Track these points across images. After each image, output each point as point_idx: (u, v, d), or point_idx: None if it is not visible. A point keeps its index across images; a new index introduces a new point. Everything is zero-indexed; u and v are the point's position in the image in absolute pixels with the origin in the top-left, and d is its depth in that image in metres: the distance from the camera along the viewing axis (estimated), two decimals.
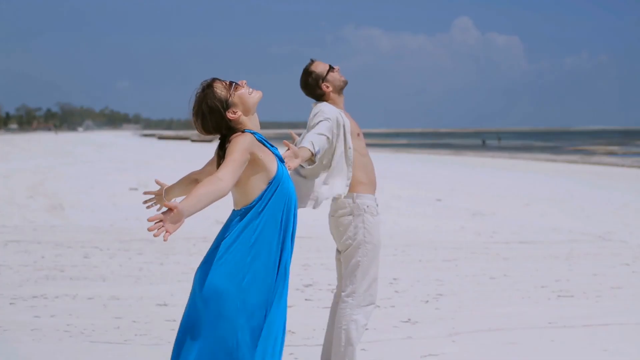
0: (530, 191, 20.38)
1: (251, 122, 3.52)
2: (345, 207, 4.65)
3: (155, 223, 3.02)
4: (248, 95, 3.51)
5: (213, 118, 3.47)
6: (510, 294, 7.76)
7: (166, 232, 3.03)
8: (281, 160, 3.54)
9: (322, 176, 4.63)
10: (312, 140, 4.34)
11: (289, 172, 3.66)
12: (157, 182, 3.79)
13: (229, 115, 3.46)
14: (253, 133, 3.46)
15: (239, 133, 3.45)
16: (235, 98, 3.48)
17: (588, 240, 11.71)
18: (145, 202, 3.89)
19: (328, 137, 4.48)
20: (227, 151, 3.36)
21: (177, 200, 3.22)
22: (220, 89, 3.48)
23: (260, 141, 3.46)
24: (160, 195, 3.84)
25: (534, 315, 6.85)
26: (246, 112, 3.51)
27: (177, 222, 3.07)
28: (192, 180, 3.78)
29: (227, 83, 3.51)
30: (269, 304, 3.43)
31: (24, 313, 6.70)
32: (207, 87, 3.49)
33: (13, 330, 6.12)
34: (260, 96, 3.55)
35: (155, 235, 3.01)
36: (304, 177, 4.62)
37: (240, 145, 3.35)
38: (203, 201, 3.16)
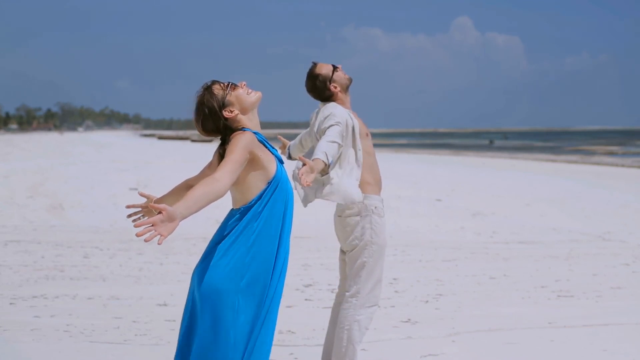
0: (530, 191, 20.38)
1: (251, 121, 3.54)
2: (352, 208, 4.65)
3: (145, 228, 2.96)
4: (245, 95, 3.54)
5: (210, 118, 3.51)
6: (510, 294, 7.76)
7: (160, 235, 2.96)
8: (280, 161, 3.56)
9: (332, 179, 4.60)
10: (326, 151, 4.34)
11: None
12: (142, 195, 3.71)
13: (225, 114, 3.49)
14: (254, 133, 3.48)
15: (240, 132, 3.46)
16: (231, 97, 3.52)
17: (588, 240, 11.71)
18: (130, 216, 3.76)
19: (339, 144, 4.49)
20: (227, 150, 3.38)
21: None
22: (217, 90, 3.52)
23: (260, 141, 3.48)
24: (148, 208, 3.76)
25: (534, 315, 6.85)
26: (244, 112, 3.53)
27: (171, 225, 3.01)
28: (186, 187, 3.74)
29: (225, 84, 3.54)
30: (266, 303, 3.44)
31: (24, 313, 6.70)
32: (205, 89, 3.54)
33: (13, 330, 6.11)
34: (259, 97, 3.57)
35: (146, 240, 2.94)
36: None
37: (241, 143, 3.36)
38: (199, 203, 3.13)
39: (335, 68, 4.76)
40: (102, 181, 22.00)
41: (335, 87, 4.75)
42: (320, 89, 4.75)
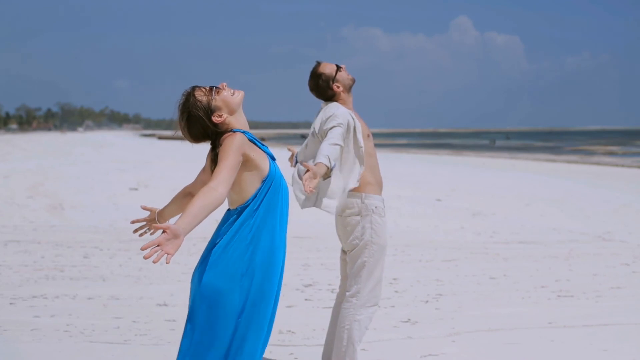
0: (530, 191, 20.38)
1: (238, 121, 3.53)
2: (353, 207, 4.65)
3: (151, 249, 2.99)
4: (231, 96, 3.52)
5: (199, 126, 3.49)
6: (510, 294, 7.76)
7: (167, 254, 3.01)
8: (272, 158, 3.56)
9: (334, 178, 4.61)
10: (328, 154, 4.34)
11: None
12: (144, 208, 3.74)
13: (215, 119, 3.48)
14: (244, 132, 3.47)
15: (229, 133, 3.45)
16: (218, 102, 3.50)
17: (588, 240, 11.71)
18: (136, 230, 3.82)
19: (342, 146, 4.49)
20: (220, 155, 3.37)
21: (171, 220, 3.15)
22: (201, 96, 3.50)
23: (250, 140, 3.47)
24: (152, 220, 3.81)
25: (534, 315, 6.85)
26: (231, 113, 3.52)
27: (176, 242, 3.04)
28: (186, 195, 3.76)
29: (207, 88, 3.52)
30: (265, 300, 3.45)
31: (24, 313, 6.70)
32: (188, 97, 3.51)
33: (13, 330, 6.11)
34: (243, 95, 3.56)
35: (154, 262, 2.98)
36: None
37: (232, 147, 3.35)
38: (199, 216, 3.16)
39: (338, 68, 4.76)
40: (102, 181, 22.00)
41: (338, 87, 4.74)
42: (322, 88, 4.75)
